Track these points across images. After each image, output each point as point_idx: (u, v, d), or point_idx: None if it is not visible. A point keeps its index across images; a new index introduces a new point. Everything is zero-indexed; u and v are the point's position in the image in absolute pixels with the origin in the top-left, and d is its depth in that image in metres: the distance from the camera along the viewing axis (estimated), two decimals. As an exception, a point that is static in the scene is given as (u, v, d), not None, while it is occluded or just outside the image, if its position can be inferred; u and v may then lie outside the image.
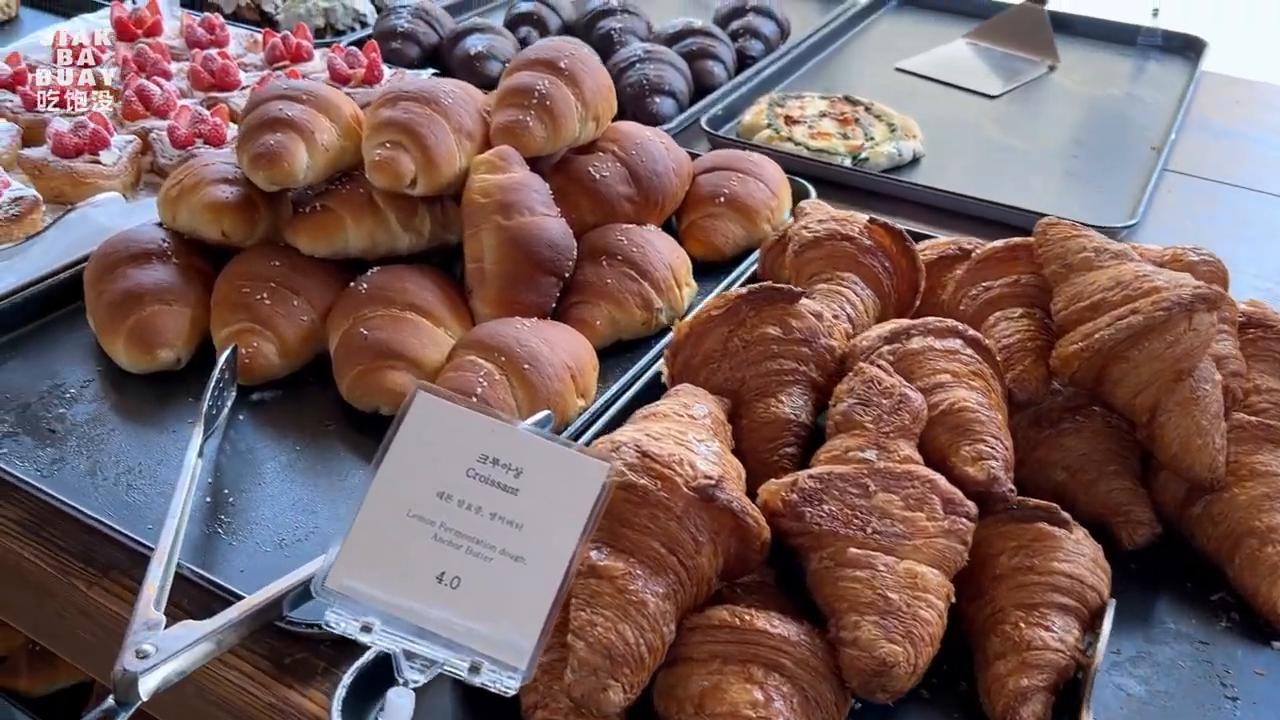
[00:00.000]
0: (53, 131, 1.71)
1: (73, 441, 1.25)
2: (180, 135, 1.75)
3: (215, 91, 1.95)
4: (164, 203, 1.45)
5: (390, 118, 1.38)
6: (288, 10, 2.34)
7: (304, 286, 1.37)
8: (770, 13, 2.38)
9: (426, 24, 2.24)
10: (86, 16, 2.27)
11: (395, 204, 1.42)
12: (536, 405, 1.21)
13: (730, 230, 1.60)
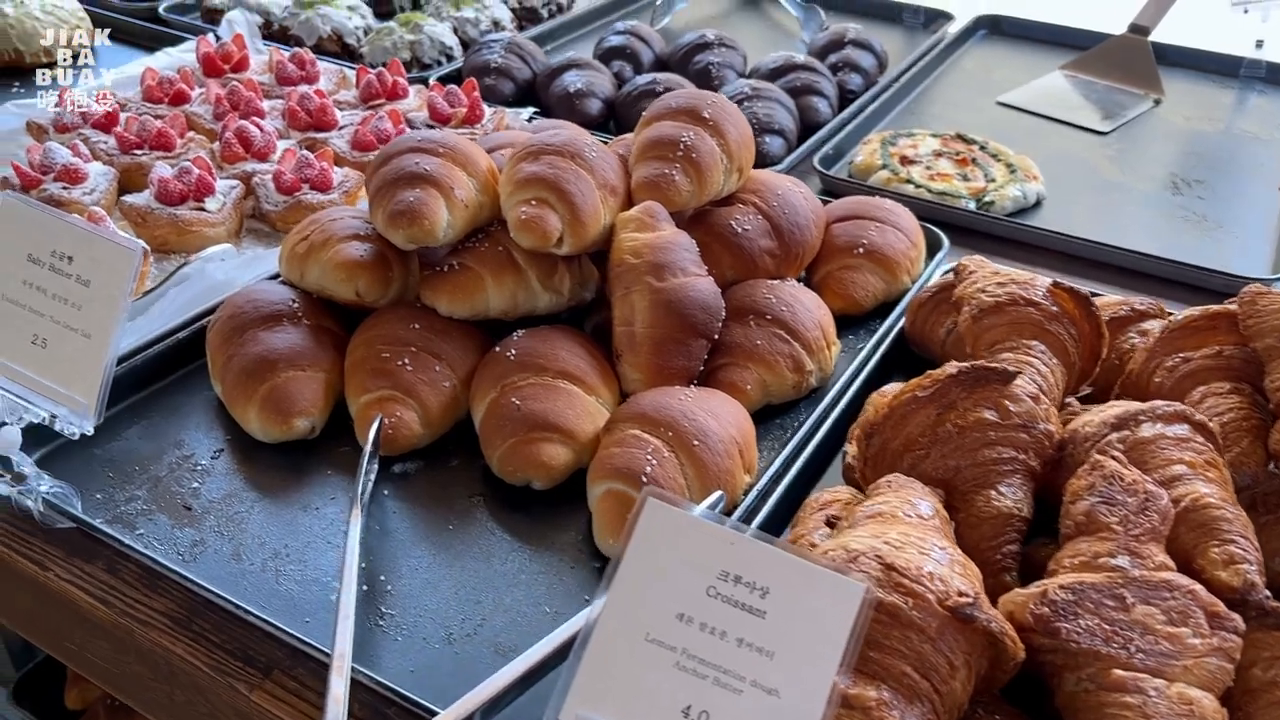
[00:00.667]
0: (156, 178, 1.64)
1: (211, 520, 1.17)
2: (286, 181, 1.68)
3: (313, 131, 1.89)
4: (290, 259, 1.39)
5: (535, 173, 1.31)
6: (372, 44, 2.28)
7: (445, 351, 1.30)
8: (869, 45, 2.31)
9: (520, 59, 2.17)
10: (170, 51, 2.22)
11: (536, 262, 1.35)
12: (707, 484, 1.14)
13: (870, 283, 1.53)
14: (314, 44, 2.33)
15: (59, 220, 1.04)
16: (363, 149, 1.81)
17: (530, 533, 1.18)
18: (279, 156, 1.76)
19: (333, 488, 1.23)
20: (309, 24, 2.33)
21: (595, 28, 2.65)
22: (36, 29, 2.25)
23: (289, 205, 1.67)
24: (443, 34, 2.31)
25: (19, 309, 1.06)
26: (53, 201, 1.65)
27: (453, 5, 2.45)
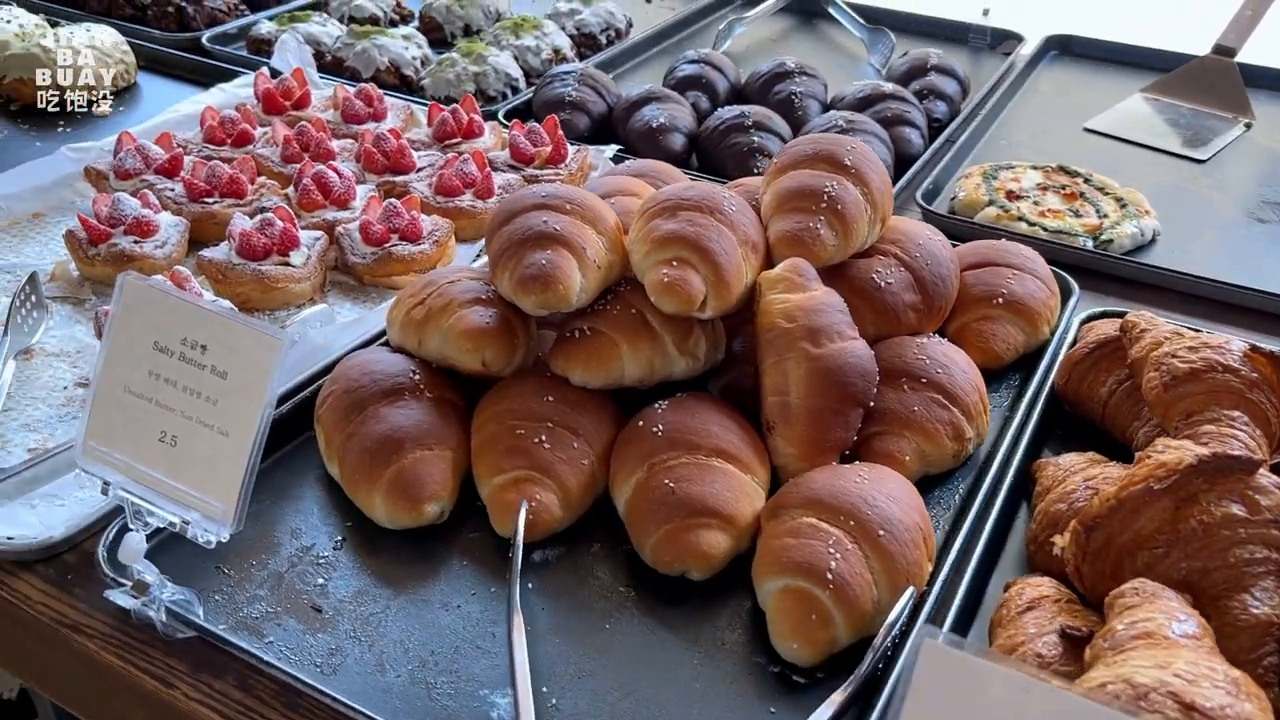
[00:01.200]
0: (237, 231, 1.53)
1: (345, 624, 1.07)
2: (375, 232, 1.57)
3: (390, 175, 1.78)
4: (405, 325, 1.28)
5: (674, 231, 1.21)
6: (434, 75, 2.17)
7: (581, 425, 1.20)
8: (953, 71, 2.22)
9: (594, 91, 2.07)
10: (224, 87, 2.10)
11: (672, 326, 1.24)
12: (895, 579, 1.04)
13: (1011, 335, 1.43)
14: (371, 76, 2.22)
15: (190, 305, 0.94)
16: (447, 194, 1.71)
17: (694, 631, 1.07)
18: (363, 204, 1.65)
19: (470, 581, 1.12)
20: (366, 55, 2.23)
21: (654, 54, 2.55)
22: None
23: (378, 257, 1.57)
24: (507, 64, 2.21)
25: (145, 403, 0.95)
26: (123, 257, 1.54)
27: (511, 33, 2.34)
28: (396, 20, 2.58)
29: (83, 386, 1.38)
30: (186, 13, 2.45)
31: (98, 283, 1.57)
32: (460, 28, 2.54)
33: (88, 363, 1.42)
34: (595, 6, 2.53)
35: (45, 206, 1.76)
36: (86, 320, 1.51)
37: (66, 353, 1.44)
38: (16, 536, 1.12)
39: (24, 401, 1.35)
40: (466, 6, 2.54)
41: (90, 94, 2.14)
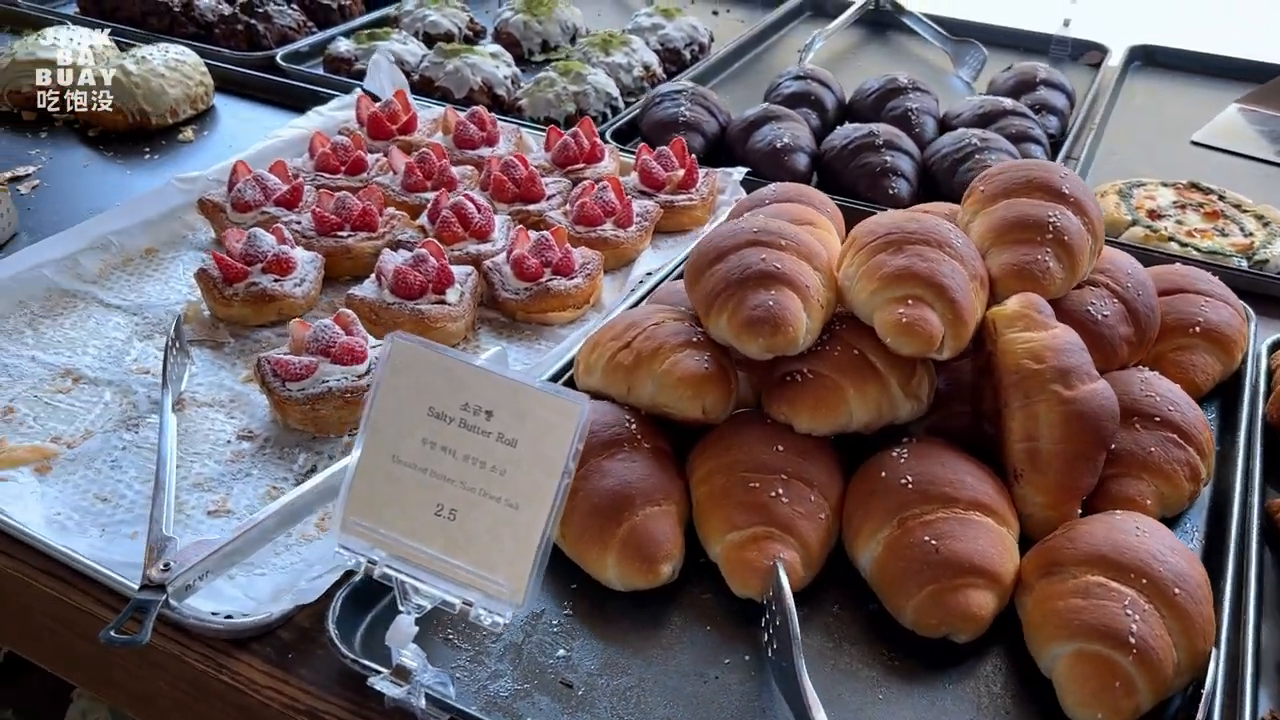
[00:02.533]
0: (390, 269, 1.45)
1: (605, 702, 0.99)
2: (530, 266, 1.49)
3: (520, 203, 1.70)
4: (610, 371, 1.20)
5: (905, 267, 1.15)
6: (532, 96, 2.09)
7: (815, 476, 1.13)
8: (1061, 85, 2.18)
9: (706, 110, 2.00)
10: (321, 110, 2.01)
11: (897, 366, 1.18)
12: (1193, 640, 0.98)
13: (1210, 365, 1.38)
14: (464, 96, 2.14)
15: (473, 368, 0.86)
16: (588, 223, 1.63)
17: (972, 698, 1.01)
18: (512, 236, 1.57)
19: (717, 647, 1.05)
20: (458, 75, 2.14)
21: (737, 69, 2.49)
22: (163, 87, 2.03)
23: (533, 293, 1.49)
24: (607, 84, 2.13)
25: (418, 474, 0.87)
26: (264, 297, 1.45)
27: (601, 50, 2.27)
28: (470, 36, 2.50)
29: (247, 439, 1.29)
30: (257, 30, 2.35)
31: (233, 324, 1.48)
32: (538, 44, 2.46)
33: (243, 412, 1.33)
34: (678, 21, 2.47)
35: (157, 241, 1.66)
36: (230, 365, 1.42)
37: (219, 402, 1.35)
38: (235, 614, 1.03)
39: (189, 457, 1.26)
40: (544, 22, 2.46)
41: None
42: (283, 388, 1.28)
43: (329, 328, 1.31)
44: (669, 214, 1.71)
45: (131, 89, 2.00)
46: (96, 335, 1.46)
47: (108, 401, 1.34)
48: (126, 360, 1.41)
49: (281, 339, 1.47)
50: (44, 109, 2.08)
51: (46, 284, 1.53)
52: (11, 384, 1.36)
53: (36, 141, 2.01)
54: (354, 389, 1.28)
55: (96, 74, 2.00)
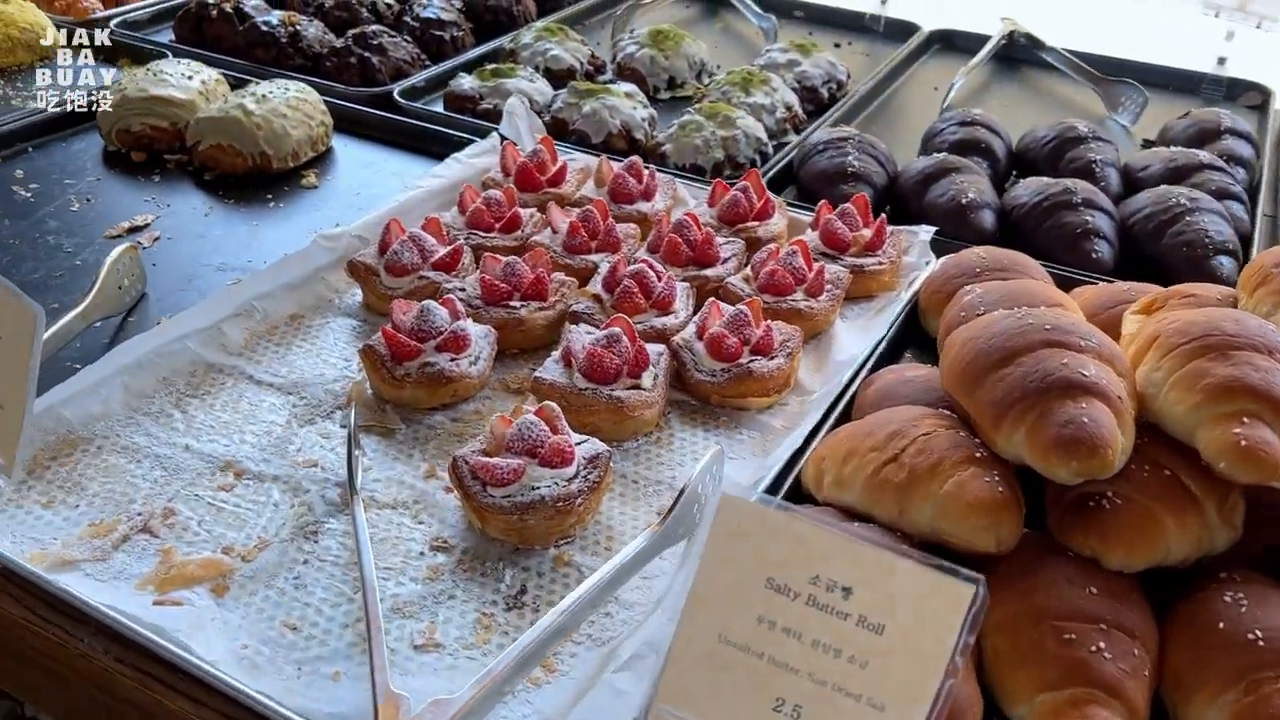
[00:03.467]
0: (581, 348, 1.30)
1: None
2: (730, 346, 1.34)
3: (694, 268, 1.55)
4: (874, 488, 1.05)
5: (1236, 379, 0.99)
6: (678, 141, 1.94)
7: (1135, 624, 0.97)
8: (1247, 134, 2.02)
9: (874, 160, 1.85)
10: (459, 157, 1.86)
11: (1214, 492, 1.02)
12: None
13: None
14: (601, 141, 1.99)
15: (826, 533, 0.70)
16: (777, 293, 1.48)
17: None
18: (705, 310, 1.41)
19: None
20: (596, 118, 1.99)
21: (875, 108, 2.33)
22: (285, 128, 1.89)
23: (733, 376, 1.33)
24: (756, 129, 1.98)
25: (752, 660, 0.71)
26: (440, 378, 1.30)
27: (741, 89, 2.12)
28: (591, 72, 2.35)
29: (441, 550, 1.14)
30: (371, 64, 2.21)
31: (402, 406, 1.33)
32: (664, 80, 2.31)
33: (431, 515, 1.18)
34: (815, 57, 2.31)
35: (302, 306, 1.52)
36: (405, 456, 1.27)
37: (403, 503, 1.20)
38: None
39: (380, 572, 1.10)
40: (671, 57, 2.31)
41: (294, 159, 1.90)
42: (484, 493, 1.13)
43: (535, 425, 1.15)
44: (857, 279, 1.56)
45: (253, 130, 1.86)
46: (252, 419, 1.31)
47: (277, 502, 1.19)
48: (290, 450, 1.26)
49: (456, 424, 1.32)
50: (156, 150, 1.94)
51: (191, 357, 1.38)
52: (168, 479, 1.21)
53: (149, 185, 1.87)
54: (566, 496, 1.12)
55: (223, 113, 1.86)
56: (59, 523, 1.14)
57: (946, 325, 1.30)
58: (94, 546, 1.10)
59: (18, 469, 1.13)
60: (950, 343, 1.14)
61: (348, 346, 1.45)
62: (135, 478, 1.21)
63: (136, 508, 1.17)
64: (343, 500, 1.19)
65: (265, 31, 2.28)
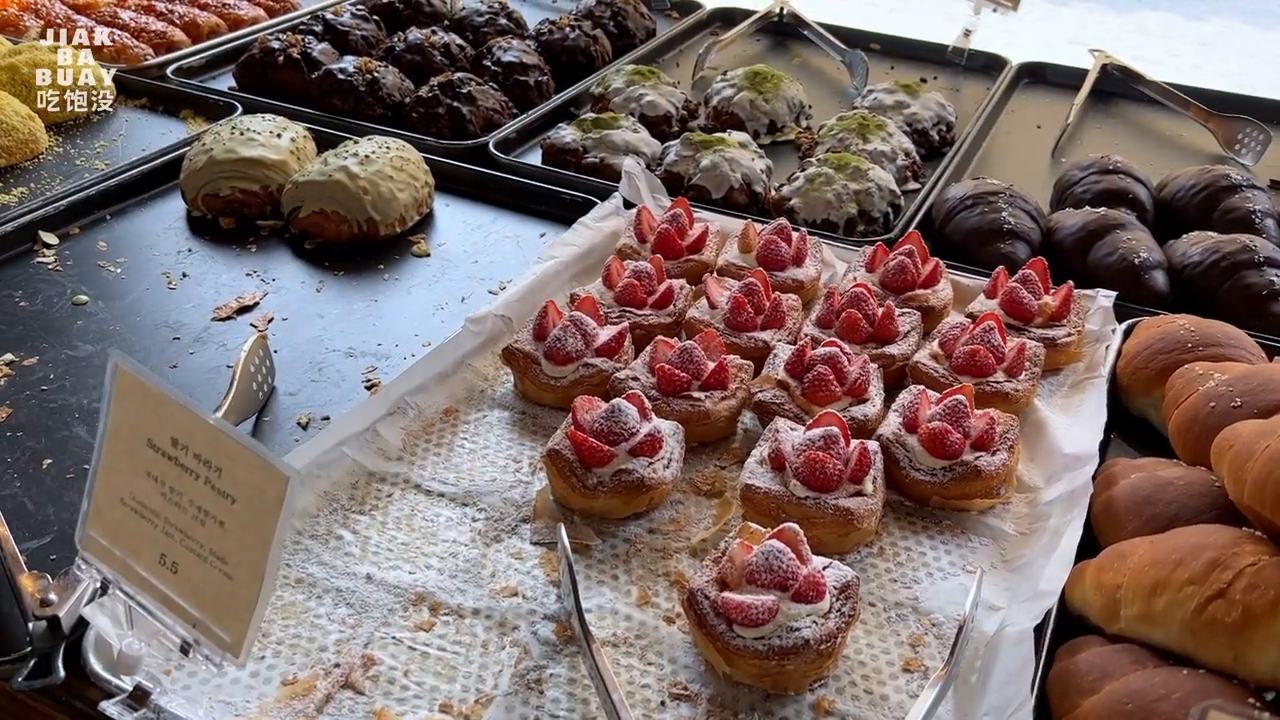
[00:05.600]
0: (796, 451, 1.17)
1: None
2: (952, 443, 1.22)
3: (873, 345, 1.43)
4: (1199, 629, 0.93)
5: None
6: (806, 195, 1.82)
7: None
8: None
9: (1027, 215, 1.74)
10: (586, 222, 1.73)
11: None
12: None
13: None
14: (722, 196, 1.87)
15: None
16: (978, 374, 1.36)
17: None
18: (911, 399, 1.29)
19: None
20: (717, 172, 1.87)
21: (984, 153, 2.23)
22: (393, 192, 1.75)
23: (957, 476, 1.21)
24: (888, 180, 1.87)
25: None
26: (639, 486, 1.18)
27: (858, 136, 2.01)
28: (685, 117, 2.23)
29: (683, 698, 1.01)
30: (460, 114, 2.07)
31: (592, 517, 1.20)
32: (764, 125, 2.20)
33: (660, 655, 1.05)
34: (924, 98, 2.21)
35: (454, 399, 1.38)
36: (610, 579, 1.13)
37: (624, 639, 1.07)
38: None
39: (623, 732, 0.97)
40: (770, 100, 2.20)
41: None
42: (731, 634, 1.00)
43: (784, 554, 1.02)
44: (1047, 354, 1.44)
45: (359, 195, 1.72)
46: (431, 539, 1.17)
47: (485, 641, 1.06)
48: (483, 576, 1.13)
49: (655, 536, 1.19)
50: (246, 215, 1.80)
51: (350, 467, 1.24)
52: (357, 618, 1.07)
53: (246, 256, 1.73)
54: (828, 637, 1.00)
55: (325, 176, 1.72)
56: (247, 679, 1.00)
57: (1190, 419, 1.20)
58: (296, 711, 0.97)
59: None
60: (1245, 453, 1.03)
61: (513, 445, 1.32)
62: (320, 618, 1.07)
63: (330, 657, 1.03)
64: (559, 638, 1.06)
65: (342, 80, 2.14)
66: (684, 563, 1.16)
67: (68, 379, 1.40)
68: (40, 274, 1.64)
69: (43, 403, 1.36)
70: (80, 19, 2.50)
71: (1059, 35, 2.53)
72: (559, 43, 2.43)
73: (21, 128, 1.96)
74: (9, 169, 1.94)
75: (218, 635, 0.80)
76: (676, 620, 1.09)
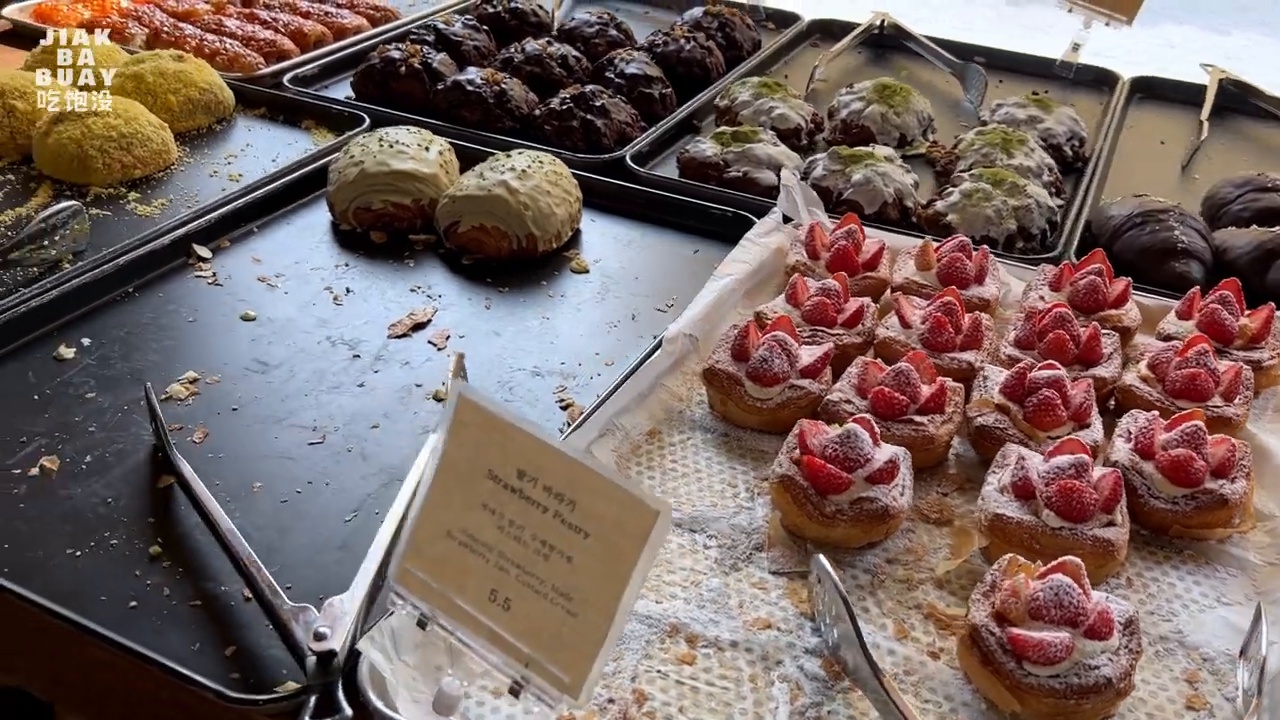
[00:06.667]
0: (1056, 483, 1.14)
1: None
2: (1196, 470, 1.19)
3: (1079, 367, 1.40)
4: None
5: None
6: (964, 211, 1.79)
7: None
8: None
9: (1198, 234, 1.71)
10: (752, 238, 1.69)
11: None
12: None
13: None
14: (875, 212, 1.84)
15: None
16: (1197, 398, 1.33)
17: None
18: (1143, 425, 1.26)
19: None
20: (870, 187, 1.84)
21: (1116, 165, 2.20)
22: (551, 207, 1.72)
23: (1201, 505, 1.18)
24: (1045, 196, 1.84)
25: None
26: (883, 515, 1.15)
27: (1003, 150, 1.98)
28: (813, 130, 2.20)
29: (969, 739, 0.97)
30: (595, 127, 2.05)
31: (827, 546, 1.17)
32: (895, 139, 2.17)
33: (935, 692, 1.02)
34: (1058, 112, 2.18)
35: (654, 420, 1.35)
36: (861, 614, 1.10)
37: (895, 676, 1.03)
38: None
39: (919, 774, 0.93)
40: (901, 113, 2.17)
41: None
42: (1022, 671, 0.97)
43: (1073, 590, 0.99)
44: (1253, 377, 1.41)
45: (520, 210, 1.69)
46: (668, 567, 1.14)
47: (752, 675, 1.02)
48: (730, 607, 1.10)
49: (894, 566, 1.16)
50: (396, 229, 1.77)
51: (572, 491, 1.21)
52: (618, 651, 1.03)
53: (404, 271, 1.69)
54: (1125, 674, 0.96)
55: (484, 190, 1.69)
56: (521, 716, 0.96)
57: None
58: (583, 750, 0.93)
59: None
60: None
61: (724, 468, 1.29)
62: (578, 651, 1.03)
63: (601, 691, 0.99)
64: (828, 674, 1.02)
65: (471, 91, 2.11)
66: (931, 594, 1.13)
67: (259, 398, 1.37)
68: (200, 289, 1.60)
69: (239, 424, 1.32)
70: (186, 27, 2.48)
71: (1163, 49, 2.51)
72: (674, 54, 2.40)
73: (155, 138, 1.93)
74: (145, 180, 1.91)
75: (554, 675, 0.77)
76: (941, 655, 1.05)
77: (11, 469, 1.23)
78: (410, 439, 1.31)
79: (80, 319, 1.51)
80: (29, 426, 1.30)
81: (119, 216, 1.78)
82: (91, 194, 1.85)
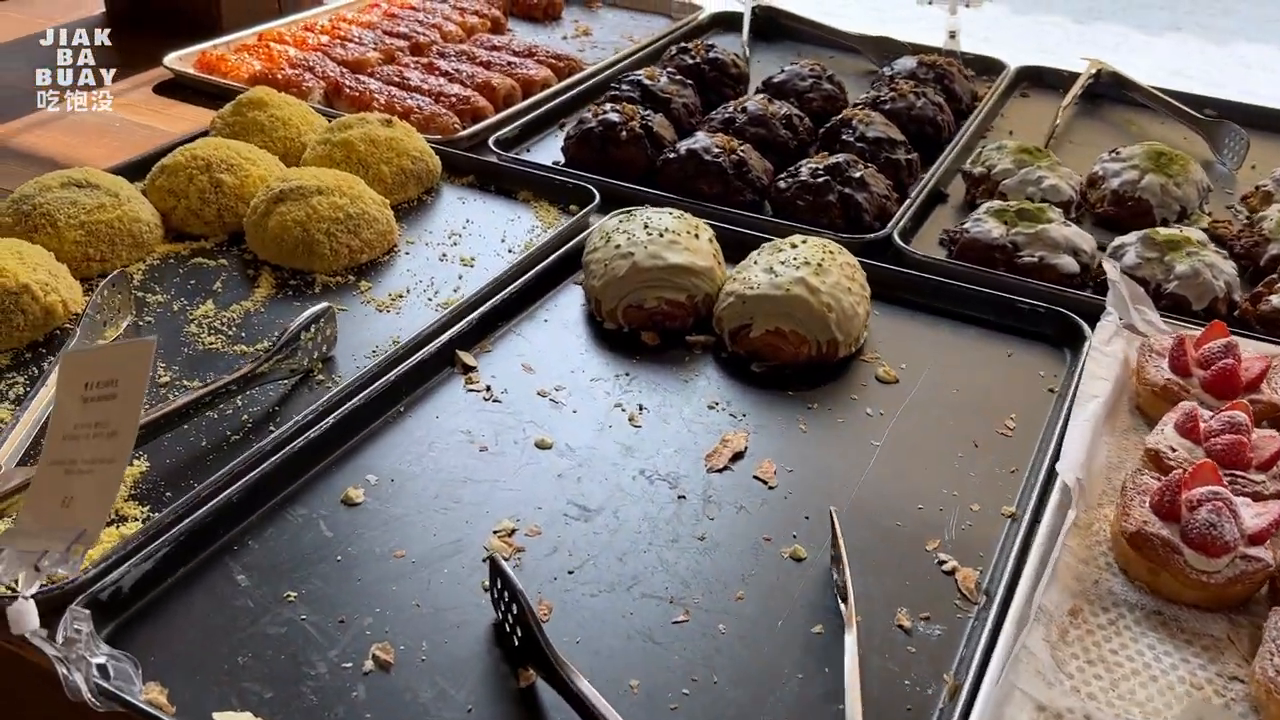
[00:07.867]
0: None
1: None
2: None
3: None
4: None
5: None
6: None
7: None
8: None
9: None
10: (1100, 348, 1.48)
11: None
12: None
13: None
14: (1204, 308, 1.62)
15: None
16: None
17: None
18: None
19: None
20: (1199, 280, 1.62)
21: None
22: (854, 307, 1.52)
23: None
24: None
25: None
26: None
27: None
28: (1082, 202, 1.98)
29: None
30: (854, 202, 1.84)
31: None
32: (1175, 212, 1.94)
33: None
34: None
35: (1073, 595, 1.13)
36: None
37: None
38: None
39: None
40: (1181, 184, 1.95)
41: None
42: None
43: None
44: None
45: (823, 312, 1.48)
46: (1172, 809, 0.92)
47: None
48: None
49: None
50: (669, 327, 1.57)
51: (1020, 702, 1.00)
52: None
53: (691, 381, 1.49)
54: None
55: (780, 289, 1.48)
56: None
57: None
58: None
59: None
60: None
61: (1179, 661, 1.07)
62: None
63: None
64: None
65: (710, 161, 1.91)
66: None
67: (593, 556, 1.17)
68: (477, 406, 1.41)
69: (582, 592, 1.12)
70: (368, 81, 2.30)
71: None
72: (905, 111, 2.19)
73: (380, 218, 1.75)
74: (370, 265, 1.72)
75: None
76: None
77: (340, 663, 1.03)
78: (789, 618, 1.10)
79: (357, 447, 1.32)
80: (342, 601, 1.10)
81: (355, 312, 1.59)
82: (319, 283, 1.66)
